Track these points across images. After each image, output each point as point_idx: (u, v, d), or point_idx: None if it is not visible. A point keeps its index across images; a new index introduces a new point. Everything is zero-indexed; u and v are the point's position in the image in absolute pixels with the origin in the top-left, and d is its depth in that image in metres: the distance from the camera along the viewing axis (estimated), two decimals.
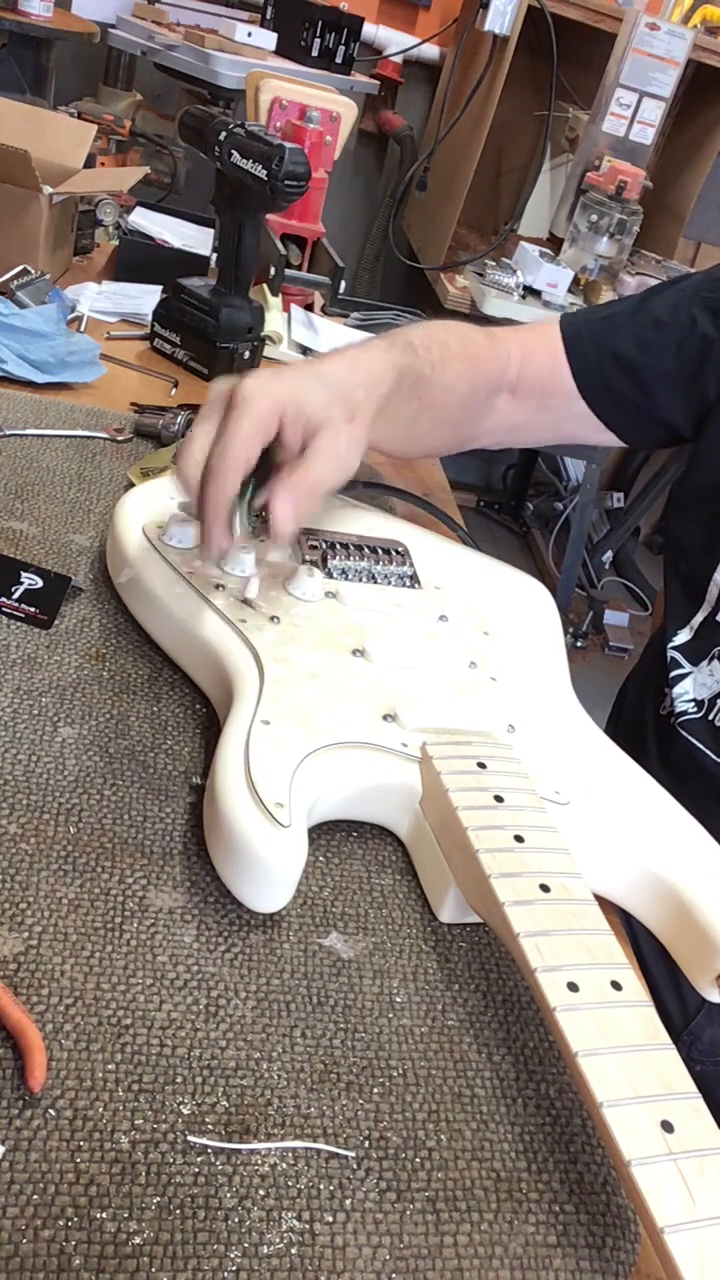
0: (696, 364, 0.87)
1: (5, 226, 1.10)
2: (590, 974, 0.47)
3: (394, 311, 1.48)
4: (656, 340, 0.88)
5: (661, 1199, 0.39)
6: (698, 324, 0.87)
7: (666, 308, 0.89)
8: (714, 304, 0.87)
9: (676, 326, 0.87)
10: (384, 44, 2.84)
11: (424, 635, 0.69)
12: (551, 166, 2.76)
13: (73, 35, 2.17)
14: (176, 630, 0.65)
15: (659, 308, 0.89)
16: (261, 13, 2.48)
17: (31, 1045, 0.43)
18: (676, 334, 0.87)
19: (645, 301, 0.91)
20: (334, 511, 0.79)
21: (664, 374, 0.88)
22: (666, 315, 0.88)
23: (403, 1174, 0.44)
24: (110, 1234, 0.39)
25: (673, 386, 0.88)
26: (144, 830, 0.55)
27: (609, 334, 0.90)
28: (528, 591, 0.80)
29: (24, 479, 0.81)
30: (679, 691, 0.91)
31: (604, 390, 0.90)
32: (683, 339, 0.87)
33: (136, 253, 1.31)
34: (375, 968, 0.52)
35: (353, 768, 0.58)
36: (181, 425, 0.93)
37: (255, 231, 1.09)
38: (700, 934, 0.56)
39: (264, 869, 0.51)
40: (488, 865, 0.51)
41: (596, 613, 2.94)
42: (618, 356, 0.89)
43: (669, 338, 0.87)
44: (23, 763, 0.57)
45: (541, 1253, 0.43)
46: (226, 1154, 0.42)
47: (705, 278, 0.90)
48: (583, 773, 0.63)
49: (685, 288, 0.90)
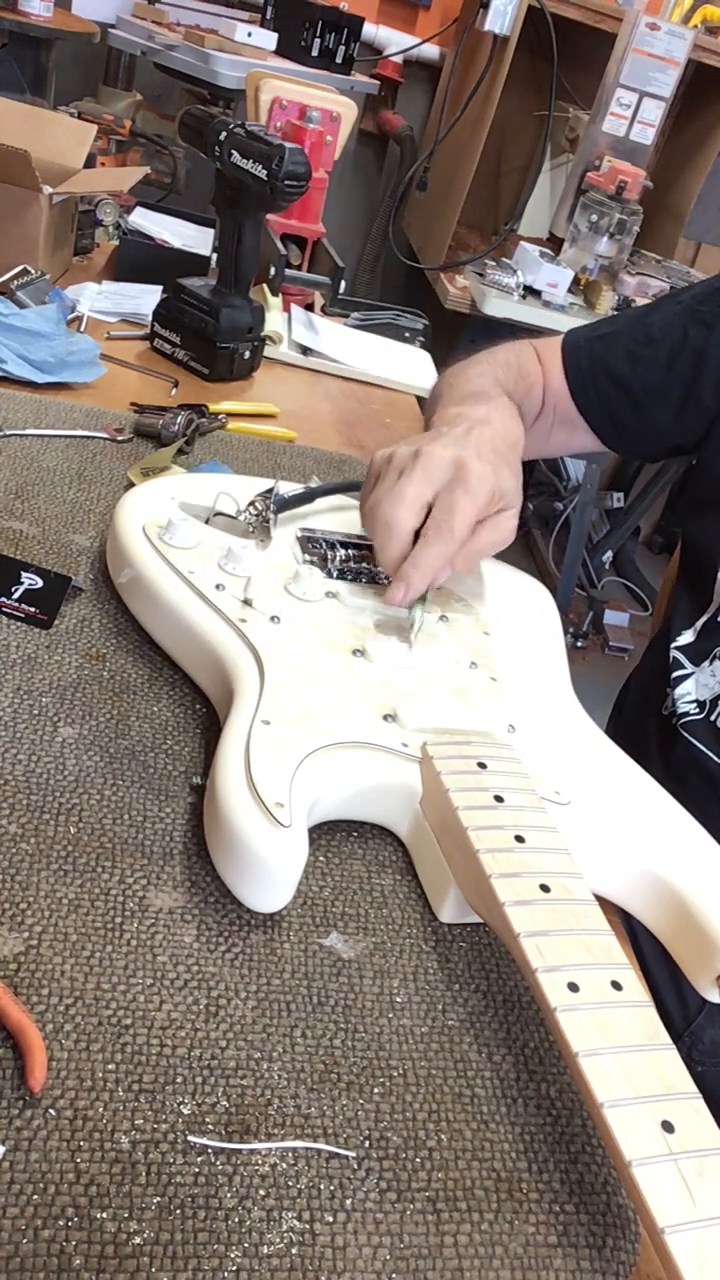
0: (690, 377, 0.88)
1: (5, 226, 1.10)
2: (590, 974, 0.47)
3: (394, 311, 1.48)
4: (647, 356, 0.89)
5: (662, 1199, 0.39)
6: (689, 337, 0.88)
7: (661, 324, 0.90)
8: (706, 317, 0.88)
9: (668, 341, 0.89)
10: (384, 44, 2.84)
11: (424, 635, 0.69)
12: (551, 166, 2.76)
13: (73, 35, 2.17)
14: (176, 630, 0.65)
15: (654, 324, 0.91)
16: (261, 13, 2.48)
17: (31, 1045, 0.43)
18: (668, 349, 0.89)
19: (642, 318, 0.92)
20: (334, 512, 0.79)
21: (655, 389, 0.89)
22: (659, 331, 0.90)
23: (403, 1174, 0.44)
24: (110, 1234, 0.39)
25: (666, 401, 0.89)
26: (144, 830, 0.55)
27: (604, 351, 0.92)
28: (528, 591, 0.80)
29: (24, 479, 0.81)
30: (681, 692, 0.91)
31: (600, 408, 0.92)
32: (674, 354, 0.88)
33: (136, 253, 1.31)
34: (375, 968, 0.52)
35: (353, 768, 0.58)
36: (181, 425, 0.93)
37: (255, 231, 1.09)
38: (700, 934, 0.56)
39: (264, 869, 0.51)
40: (488, 865, 0.51)
41: (596, 613, 2.93)
42: (611, 374, 0.91)
43: (660, 353, 0.89)
44: (23, 763, 0.57)
45: (542, 1253, 0.43)
46: (227, 1154, 0.42)
47: (700, 291, 0.91)
48: (583, 773, 0.63)
49: (682, 302, 0.91)
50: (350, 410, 1.19)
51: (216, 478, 0.82)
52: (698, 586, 0.92)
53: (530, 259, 2.32)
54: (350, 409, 1.19)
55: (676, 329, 0.89)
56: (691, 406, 0.89)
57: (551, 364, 0.93)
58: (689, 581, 0.94)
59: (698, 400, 0.88)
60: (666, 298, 0.95)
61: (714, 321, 0.87)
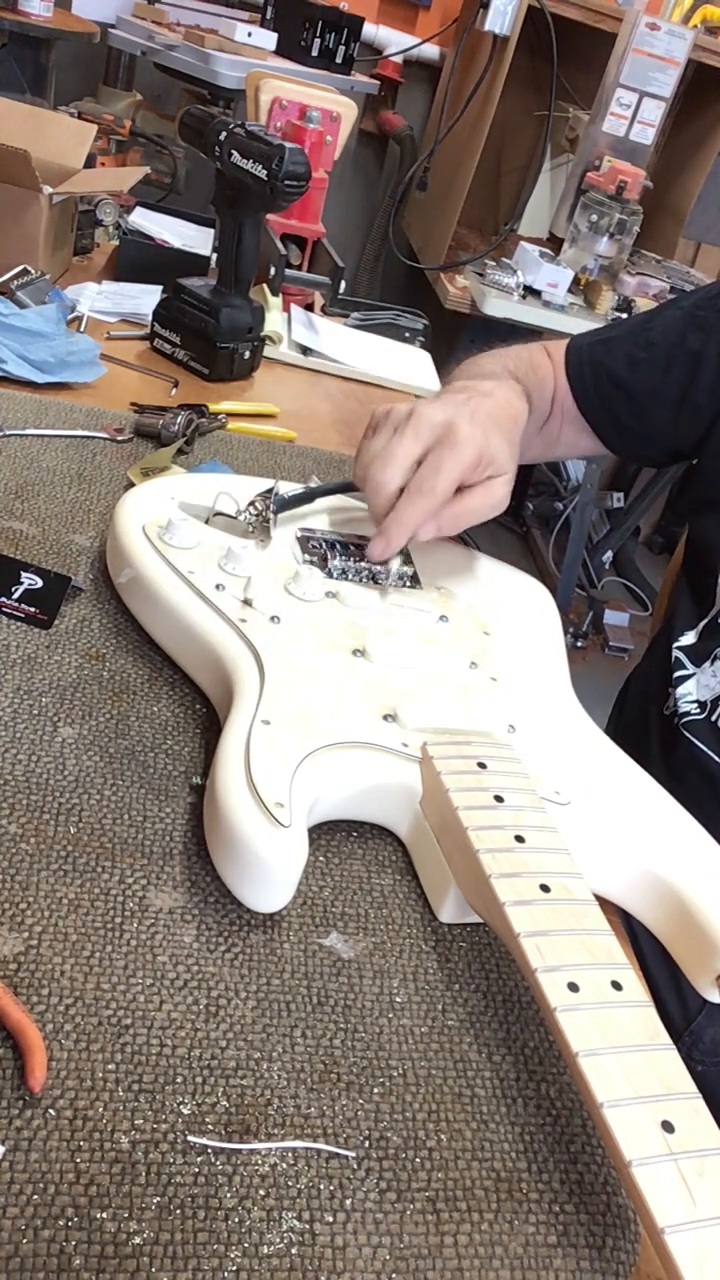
0: (686, 380, 0.89)
1: (5, 226, 1.10)
2: (590, 974, 0.47)
3: (394, 311, 1.48)
4: (645, 359, 0.91)
5: (662, 1199, 0.39)
6: (686, 341, 0.89)
7: (661, 328, 0.92)
8: (705, 321, 0.90)
9: (667, 345, 0.90)
10: (384, 44, 2.84)
11: (424, 635, 0.69)
12: (551, 166, 2.76)
13: (73, 35, 2.17)
14: (176, 630, 0.65)
15: (655, 328, 0.92)
16: (261, 13, 2.48)
17: (31, 1045, 0.43)
18: (666, 352, 0.90)
19: (645, 323, 0.94)
20: (334, 512, 0.79)
21: (653, 392, 0.91)
22: (659, 336, 0.91)
23: (403, 1174, 0.44)
24: (110, 1234, 0.39)
25: (663, 404, 0.91)
26: (144, 830, 0.55)
27: (605, 355, 0.94)
28: (528, 591, 0.80)
29: (24, 479, 0.81)
30: (682, 692, 0.91)
31: (602, 410, 0.94)
32: (672, 357, 0.90)
33: (136, 253, 1.31)
34: (375, 968, 0.52)
35: (353, 768, 0.58)
36: (181, 425, 0.93)
37: (255, 231, 1.09)
38: (700, 934, 0.56)
39: (264, 869, 0.51)
40: (488, 865, 0.51)
41: (596, 613, 2.93)
42: (612, 378, 0.93)
43: (658, 356, 0.90)
44: (23, 763, 0.57)
45: (541, 1253, 0.43)
46: (226, 1154, 0.42)
47: (701, 296, 0.93)
48: (583, 773, 0.63)
49: (683, 307, 0.93)
50: (350, 410, 1.19)
51: (216, 478, 0.82)
52: (699, 587, 0.92)
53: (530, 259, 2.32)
54: (350, 409, 1.19)
55: (675, 333, 0.90)
56: (688, 409, 0.90)
57: (561, 365, 0.95)
58: (691, 582, 0.94)
59: (694, 403, 0.89)
60: (670, 303, 0.97)
61: (712, 327, 0.88)
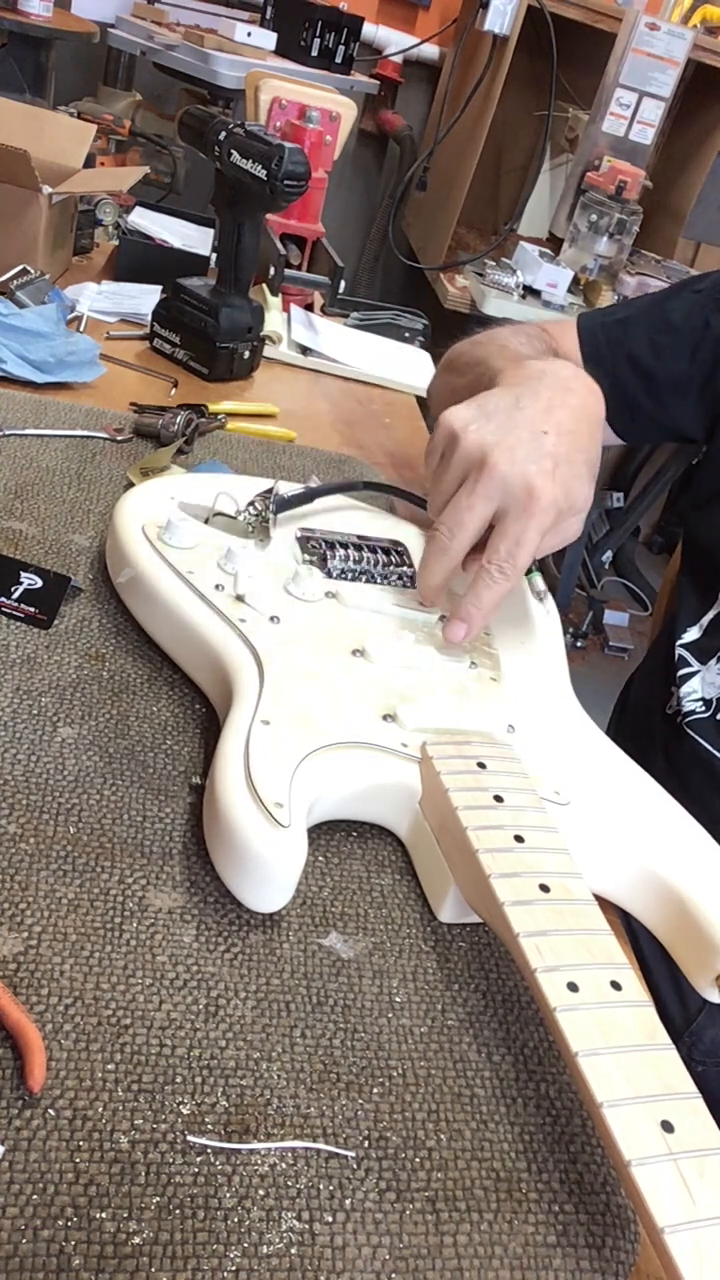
0: (710, 367, 0.87)
1: (5, 226, 1.10)
2: (590, 974, 0.47)
3: (394, 311, 1.48)
4: (670, 344, 0.88)
5: (661, 1199, 0.39)
6: (711, 327, 0.87)
7: (681, 312, 0.89)
8: None
9: (690, 330, 0.88)
10: (384, 44, 2.84)
11: (424, 635, 0.69)
12: (551, 166, 2.76)
13: (72, 35, 2.17)
14: (176, 630, 0.65)
15: (673, 311, 0.90)
16: (261, 13, 2.48)
17: (31, 1045, 0.43)
18: (691, 338, 0.88)
19: (660, 305, 0.91)
20: (334, 512, 0.79)
21: (677, 379, 0.88)
22: (680, 319, 0.89)
23: (403, 1174, 0.44)
24: (110, 1234, 0.39)
25: (686, 391, 0.89)
26: (144, 830, 0.55)
27: (624, 337, 0.90)
28: (527, 591, 0.80)
29: (24, 479, 0.81)
30: (687, 690, 0.91)
31: (616, 392, 0.90)
32: (697, 343, 0.87)
33: (136, 253, 1.31)
34: (375, 968, 0.52)
35: (352, 768, 0.58)
36: (180, 425, 0.93)
37: (255, 231, 1.09)
38: (700, 934, 0.56)
39: (264, 869, 0.51)
40: (487, 865, 0.51)
41: (596, 613, 2.93)
42: (632, 360, 0.89)
43: (683, 342, 0.88)
44: (23, 763, 0.57)
45: (541, 1253, 0.43)
46: (226, 1154, 0.42)
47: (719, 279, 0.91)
48: (583, 773, 0.63)
49: (702, 290, 0.91)
50: (350, 410, 1.19)
51: (216, 478, 0.82)
52: (703, 582, 0.92)
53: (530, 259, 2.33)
54: (350, 409, 1.19)
55: (698, 318, 0.88)
56: (708, 397, 0.88)
57: (568, 345, 0.91)
58: (694, 578, 0.94)
59: (714, 391, 0.88)
60: (682, 286, 0.94)
61: None
